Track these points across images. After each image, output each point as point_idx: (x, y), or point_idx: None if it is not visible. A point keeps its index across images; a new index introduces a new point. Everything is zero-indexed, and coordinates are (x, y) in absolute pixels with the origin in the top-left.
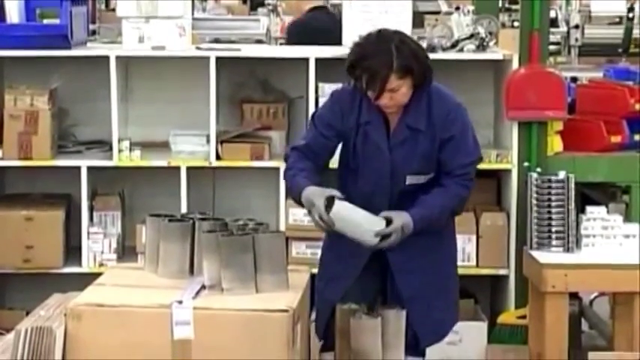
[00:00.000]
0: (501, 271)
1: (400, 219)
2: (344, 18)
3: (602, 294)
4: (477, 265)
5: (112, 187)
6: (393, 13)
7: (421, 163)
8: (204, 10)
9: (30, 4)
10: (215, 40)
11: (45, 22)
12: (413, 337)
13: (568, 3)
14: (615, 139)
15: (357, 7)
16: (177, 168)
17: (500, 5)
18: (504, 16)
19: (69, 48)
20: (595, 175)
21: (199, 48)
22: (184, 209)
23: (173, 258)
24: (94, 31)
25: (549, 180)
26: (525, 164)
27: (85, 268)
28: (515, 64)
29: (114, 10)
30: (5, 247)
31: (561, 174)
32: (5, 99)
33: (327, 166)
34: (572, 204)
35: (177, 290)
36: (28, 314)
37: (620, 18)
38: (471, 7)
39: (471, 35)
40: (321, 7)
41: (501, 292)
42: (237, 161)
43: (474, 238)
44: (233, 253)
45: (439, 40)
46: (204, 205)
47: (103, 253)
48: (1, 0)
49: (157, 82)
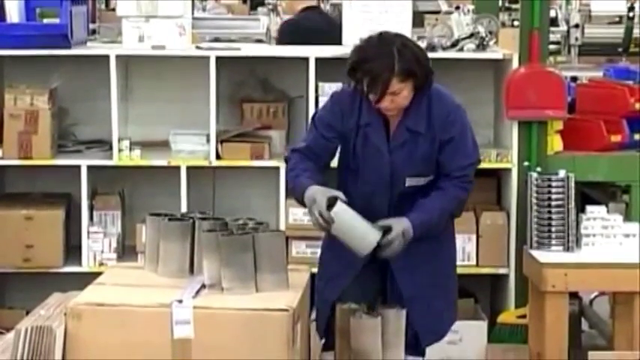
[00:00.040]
0: (501, 271)
1: (400, 225)
2: (344, 18)
3: (602, 293)
4: (477, 265)
5: (112, 186)
6: (393, 12)
7: (421, 165)
8: (204, 10)
9: (30, 3)
10: (215, 40)
11: (45, 21)
12: (413, 337)
13: (568, 2)
14: (615, 138)
15: (357, 7)
16: (177, 167)
17: (500, 4)
18: (504, 16)
19: (69, 47)
20: (595, 175)
21: (199, 47)
22: (184, 208)
23: (173, 257)
24: (94, 31)
25: (549, 179)
26: (525, 164)
27: (85, 267)
28: (515, 63)
29: (114, 10)
30: (5, 247)
31: (561, 173)
32: (5, 98)
33: (328, 166)
34: (572, 203)
35: (177, 289)
36: (28, 313)
37: (620, 17)
38: (471, 7)
39: (471, 34)
40: (314, 7)
41: (501, 292)
42: (237, 161)
43: (474, 237)
44: (233, 252)
45: (439, 40)
46: (204, 205)
47: (103, 252)
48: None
49: (156, 81)
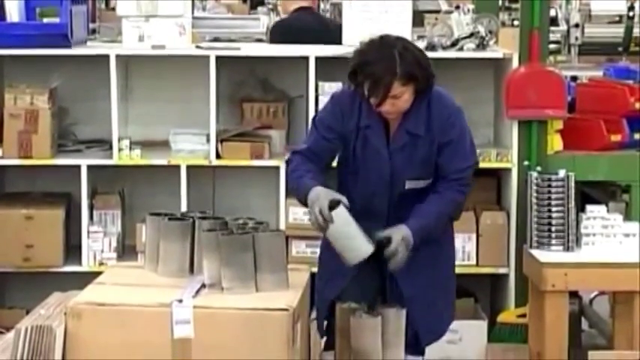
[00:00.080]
0: (501, 270)
1: (399, 234)
2: (344, 18)
3: (602, 293)
4: (477, 264)
5: (112, 185)
6: (393, 12)
7: (420, 168)
8: (204, 9)
9: (30, 3)
10: (215, 39)
11: (45, 21)
12: (413, 336)
13: (568, 2)
14: (615, 137)
15: (357, 7)
16: (177, 167)
17: (500, 4)
18: (504, 15)
19: (69, 47)
20: (595, 174)
21: (199, 47)
22: (184, 208)
23: (173, 257)
24: (94, 30)
25: (549, 179)
26: (525, 163)
27: (85, 266)
28: (515, 62)
29: (114, 9)
30: (5, 246)
31: (561, 173)
32: (5, 98)
33: (330, 167)
34: (572, 203)
35: (177, 289)
36: (28, 313)
37: (620, 17)
38: (471, 6)
39: (471, 34)
40: (306, 7)
41: (501, 291)
42: (237, 160)
43: (474, 236)
44: (233, 252)
45: (439, 39)
46: (204, 204)
47: (103, 251)
48: None
49: (156, 81)
